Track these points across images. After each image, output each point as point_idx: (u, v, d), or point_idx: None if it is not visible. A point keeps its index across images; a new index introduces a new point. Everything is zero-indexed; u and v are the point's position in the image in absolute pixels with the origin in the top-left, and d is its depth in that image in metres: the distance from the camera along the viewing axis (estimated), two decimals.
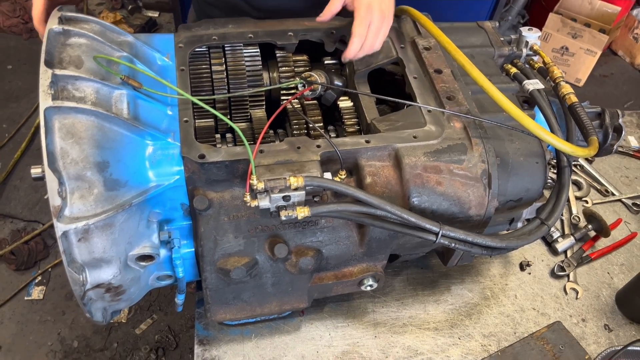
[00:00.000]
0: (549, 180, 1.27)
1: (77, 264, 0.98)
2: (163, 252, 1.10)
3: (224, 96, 1.26)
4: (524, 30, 1.41)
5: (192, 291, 1.77)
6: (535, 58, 1.43)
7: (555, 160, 1.25)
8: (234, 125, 1.00)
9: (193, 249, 1.14)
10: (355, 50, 1.18)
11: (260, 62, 1.30)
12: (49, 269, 2.63)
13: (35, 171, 1.10)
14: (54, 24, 1.02)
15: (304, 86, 1.19)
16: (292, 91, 1.32)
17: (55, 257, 2.68)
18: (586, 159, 1.80)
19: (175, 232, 1.11)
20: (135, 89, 1.04)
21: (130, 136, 1.00)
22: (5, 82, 3.52)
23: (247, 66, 1.29)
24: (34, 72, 3.60)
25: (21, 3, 3.83)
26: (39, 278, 2.60)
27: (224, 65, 1.28)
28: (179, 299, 1.22)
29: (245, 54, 1.29)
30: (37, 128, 3.22)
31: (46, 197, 2.91)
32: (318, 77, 1.18)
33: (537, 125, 1.05)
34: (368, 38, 1.17)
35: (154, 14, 4.05)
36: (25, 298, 2.53)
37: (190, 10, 1.80)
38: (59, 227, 0.92)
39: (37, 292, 2.55)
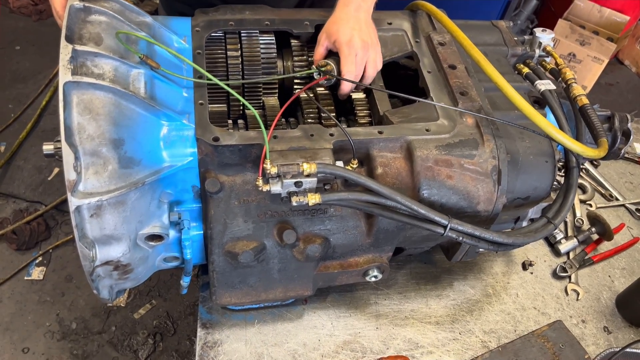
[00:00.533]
0: (555, 182, 1.28)
1: (88, 240, 0.99)
2: (172, 233, 1.11)
3: (240, 82, 1.26)
4: (538, 31, 1.42)
5: (194, 279, 1.78)
6: (548, 59, 1.44)
7: (564, 161, 1.26)
8: (252, 109, 1.02)
9: (202, 232, 1.15)
10: (349, 86, 1.21)
11: (275, 50, 1.31)
12: (50, 250, 2.64)
13: (47, 147, 1.11)
14: (75, 1, 1.02)
15: (319, 74, 1.19)
16: (306, 80, 1.33)
17: (56, 238, 2.68)
18: (592, 163, 1.81)
19: (185, 214, 1.11)
20: (153, 69, 1.05)
21: (146, 115, 1.01)
22: (13, 62, 3.52)
23: (262, 53, 1.30)
24: (41, 53, 3.61)
25: None
26: (40, 259, 2.61)
27: (240, 51, 1.28)
28: (185, 281, 1.23)
29: (260, 41, 1.30)
30: (43, 109, 3.23)
31: (50, 178, 2.91)
32: (334, 65, 1.18)
33: (549, 124, 1.06)
34: (357, 70, 1.18)
35: None
36: (25, 278, 2.54)
37: (159, 6, 1.81)
38: (73, 202, 0.93)
39: (37, 273, 2.55)
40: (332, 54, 1.22)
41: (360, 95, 1.33)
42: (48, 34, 3.74)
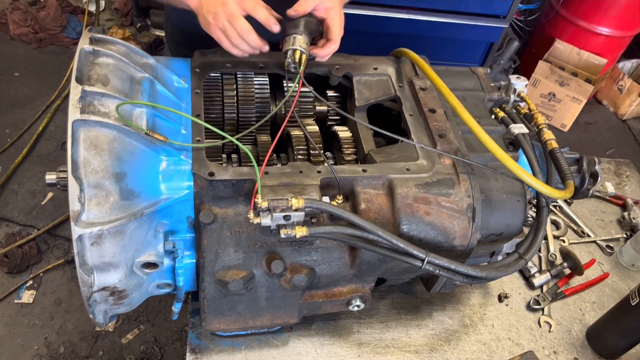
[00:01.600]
0: (529, 218, 1.37)
1: (88, 267, 1.06)
2: (166, 261, 1.18)
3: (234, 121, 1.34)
4: (513, 78, 1.53)
5: (184, 305, 1.83)
6: (522, 104, 1.54)
7: (535, 200, 1.35)
8: (245, 149, 1.09)
9: (194, 260, 1.21)
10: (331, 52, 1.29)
11: (268, 91, 1.40)
12: (41, 274, 2.67)
13: (49, 177, 1.18)
14: (85, 44, 1.11)
15: (293, 62, 1.25)
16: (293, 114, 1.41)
17: (47, 262, 2.72)
18: (565, 201, 1.91)
19: (180, 243, 1.18)
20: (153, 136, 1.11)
21: (147, 151, 1.09)
22: (12, 88, 3.60)
23: (256, 93, 1.39)
24: (39, 80, 3.69)
25: (32, 13, 3.93)
26: (30, 282, 2.63)
27: (235, 91, 1.38)
28: (176, 308, 1.29)
29: (255, 82, 1.39)
30: (40, 135, 3.29)
31: (43, 203, 2.96)
32: (301, 45, 1.24)
33: (518, 167, 1.15)
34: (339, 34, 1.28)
35: (161, 33, 4.17)
36: (15, 301, 2.56)
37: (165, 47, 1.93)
38: (76, 231, 1.00)
39: (27, 296, 2.58)
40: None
41: (347, 134, 1.42)
42: (47, 61, 3.83)
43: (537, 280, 1.64)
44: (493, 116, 1.49)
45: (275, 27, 1.21)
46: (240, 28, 1.18)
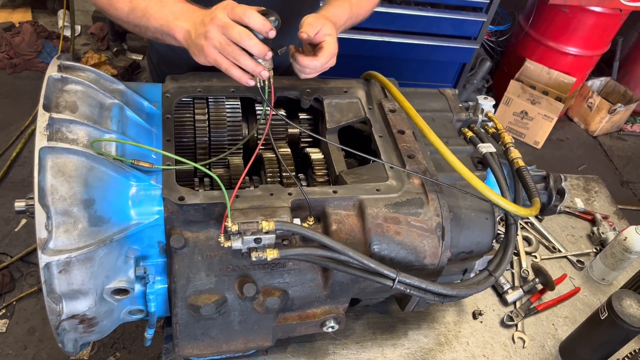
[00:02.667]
0: (500, 234, 1.40)
1: (56, 295, 1.04)
2: (137, 287, 1.17)
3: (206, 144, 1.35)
4: (480, 99, 1.57)
5: (159, 330, 1.80)
6: (490, 124, 1.58)
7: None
8: (214, 176, 1.10)
9: (166, 286, 1.21)
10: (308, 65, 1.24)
11: (240, 114, 1.42)
12: (14, 302, 2.61)
13: (18, 204, 1.17)
14: (53, 72, 1.12)
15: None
16: (267, 140, 1.43)
17: (21, 290, 2.66)
18: (536, 218, 1.95)
19: (151, 268, 1.17)
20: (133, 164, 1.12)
21: (116, 177, 1.09)
22: None
23: (228, 117, 1.40)
24: (14, 105, 3.65)
25: (7, 38, 3.91)
26: (3, 311, 2.57)
27: (207, 115, 1.39)
28: (149, 334, 1.27)
29: (227, 106, 1.41)
30: (13, 161, 3.24)
31: (17, 230, 2.91)
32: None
33: (484, 186, 1.18)
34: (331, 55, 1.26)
35: (138, 57, 4.19)
36: None
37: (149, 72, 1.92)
38: (43, 259, 0.99)
39: (0, 325, 2.51)
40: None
41: (319, 156, 1.44)
42: (21, 86, 3.80)
43: (510, 296, 1.66)
44: (462, 136, 1.52)
45: (272, 33, 1.11)
46: (237, 35, 1.08)
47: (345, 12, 1.38)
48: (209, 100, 1.40)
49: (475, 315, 1.61)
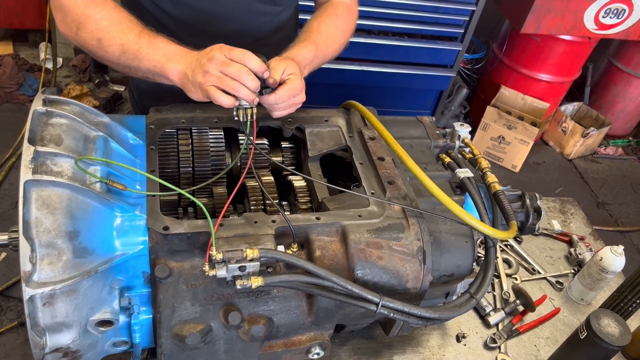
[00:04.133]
0: (481, 257, 1.43)
1: (40, 328, 1.04)
2: (122, 318, 1.16)
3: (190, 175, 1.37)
4: (457, 126, 1.62)
5: None
6: (467, 149, 1.63)
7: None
8: (200, 203, 1.12)
9: (151, 316, 1.21)
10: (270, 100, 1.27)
11: (223, 144, 1.44)
12: None
13: (1, 238, 1.17)
14: (38, 106, 1.13)
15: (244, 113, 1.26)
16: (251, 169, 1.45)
17: (0, 325, 2.60)
18: (515, 240, 1.99)
19: (136, 299, 1.17)
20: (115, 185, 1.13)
21: (101, 208, 1.10)
22: None
23: (211, 147, 1.43)
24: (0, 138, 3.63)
25: None
26: None
27: (190, 146, 1.41)
28: None
29: (210, 136, 1.43)
30: None
31: None
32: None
33: (461, 210, 1.21)
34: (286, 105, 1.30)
35: (120, 88, 4.20)
36: None
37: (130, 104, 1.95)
38: (27, 292, 0.98)
39: None
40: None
41: (301, 183, 1.46)
42: (2, 119, 3.78)
43: (493, 318, 1.68)
44: (440, 162, 1.56)
45: (266, 73, 1.21)
46: (236, 71, 1.16)
47: (310, 53, 1.40)
48: (193, 131, 1.43)
49: (458, 338, 1.63)
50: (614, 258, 1.70)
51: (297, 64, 1.30)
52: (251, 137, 1.27)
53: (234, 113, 1.25)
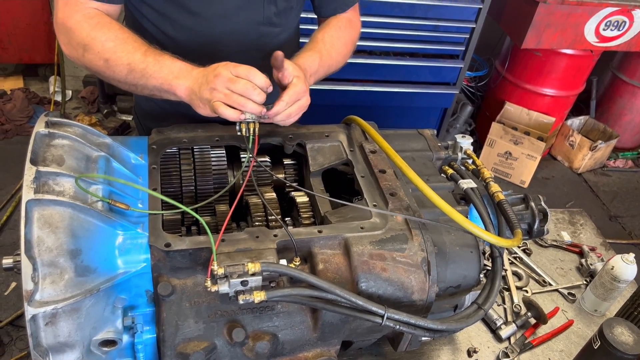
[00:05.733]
0: (488, 266, 1.40)
1: (42, 348, 1.03)
2: (125, 338, 1.15)
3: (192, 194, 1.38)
4: (459, 137, 1.62)
5: None
6: (470, 161, 1.63)
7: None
8: (200, 219, 1.12)
9: (155, 335, 1.20)
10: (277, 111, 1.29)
11: (225, 162, 1.45)
12: None
13: (6, 261, 1.17)
14: (41, 128, 1.15)
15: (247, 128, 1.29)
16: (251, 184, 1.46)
17: (10, 354, 2.59)
18: (524, 252, 1.97)
19: (139, 318, 1.17)
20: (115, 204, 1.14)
21: (102, 226, 1.10)
22: None
23: (213, 166, 1.44)
24: (5, 170, 3.68)
25: None
26: None
27: (192, 164, 1.42)
28: None
29: (212, 155, 1.44)
30: (4, 225, 3.24)
31: (6, 293, 2.86)
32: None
33: (464, 219, 1.20)
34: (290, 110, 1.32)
35: (128, 117, 4.27)
36: None
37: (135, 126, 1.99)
38: (29, 311, 0.98)
39: None
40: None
41: (304, 199, 1.46)
42: (12, 151, 3.84)
43: (504, 332, 1.65)
44: (443, 174, 1.56)
45: (270, 88, 1.25)
46: (243, 87, 1.20)
47: (315, 62, 1.47)
48: (194, 149, 1.44)
49: (470, 353, 1.60)
50: (626, 266, 1.67)
51: (302, 69, 1.36)
52: (252, 150, 1.28)
53: (237, 127, 1.27)
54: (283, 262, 1.17)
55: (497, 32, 4.21)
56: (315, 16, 1.73)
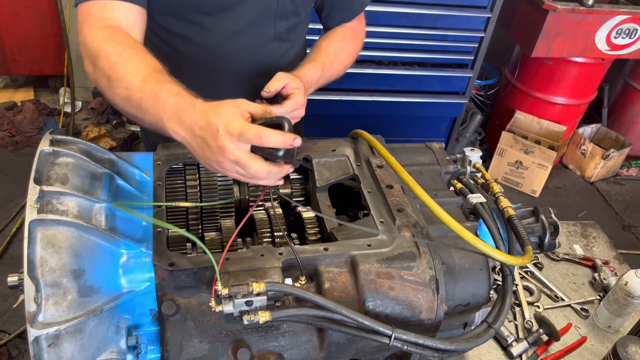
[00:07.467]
0: (498, 281, 1.37)
1: None
2: (129, 358, 1.14)
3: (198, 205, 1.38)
4: (467, 151, 1.59)
5: None
6: (479, 174, 1.60)
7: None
8: (199, 242, 1.10)
9: (159, 355, 1.18)
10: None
11: (231, 178, 1.44)
12: None
13: (11, 279, 1.17)
14: (45, 146, 1.15)
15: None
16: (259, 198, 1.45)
17: None
18: (536, 266, 1.93)
19: (143, 337, 1.15)
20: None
21: (106, 245, 1.09)
22: None
23: (219, 180, 1.43)
24: (15, 182, 3.71)
25: (9, 117, 4.03)
26: None
27: (198, 180, 1.41)
28: None
29: None
30: (13, 237, 3.26)
31: (15, 306, 2.87)
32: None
33: (473, 237, 1.18)
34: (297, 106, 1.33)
35: (137, 128, 4.28)
36: None
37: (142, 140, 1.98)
38: (32, 333, 0.97)
39: None
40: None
41: (310, 214, 1.45)
42: (22, 163, 3.87)
43: (515, 349, 1.61)
44: (451, 188, 1.53)
45: (297, 141, 1.02)
46: (255, 173, 1.03)
47: (317, 73, 1.49)
48: (200, 165, 1.43)
49: None
50: None
51: (302, 81, 1.36)
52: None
53: None
54: (288, 281, 1.15)
55: (507, 39, 4.18)
56: (319, 26, 1.73)
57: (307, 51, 1.81)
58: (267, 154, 1.03)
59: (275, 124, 1.06)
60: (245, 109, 1.04)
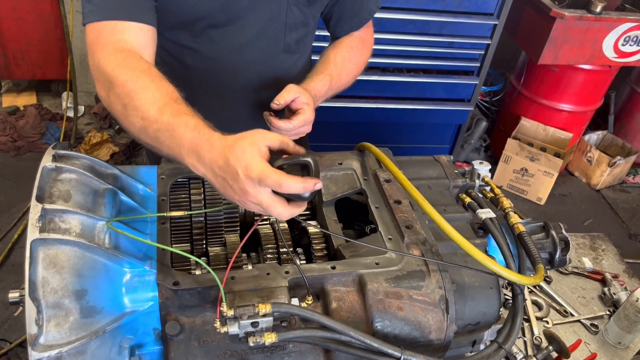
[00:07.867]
0: (508, 298, 1.34)
1: None
2: None
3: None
4: (476, 164, 1.57)
5: None
6: (488, 188, 1.58)
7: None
8: (203, 263, 1.08)
9: None
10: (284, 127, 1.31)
11: None
12: None
13: (12, 295, 1.15)
14: (47, 162, 1.13)
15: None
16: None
17: None
18: (545, 280, 1.90)
19: (146, 357, 1.13)
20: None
21: (109, 264, 1.07)
22: None
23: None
24: (17, 187, 3.69)
25: (11, 122, 4.01)
26: None
27: (203, 195, 1.39)
28: None
29: None
30: (15, 243, 3.24)
31: (16, 314, 2.85)
32: None
33: (484, 256, 1.15)
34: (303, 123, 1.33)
35: None
36: None
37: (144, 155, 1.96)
38: (33, 356, 0.95)
39: None
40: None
41: (316, 230, 1.42)
42: (25, 168, 3.85)
43: None
44: (460, 202, 1.51)
45: (318, 185, 1.00)
46: (277, 215, 1.03)
47: (325, 85, 1.49)
48: (205, 179, 1.40)
49: None
50: None
51: (311, 96, 1.36)
52: None
53: None
54: (295, 300, 1.13)
55: (512, 45, 4.15)
56: (325, 34, 1.71)
57: (312, 58, 1.80)
58: (290, 195, 1.02)
59: (301, 164, 1.03)
60: (263, 143, 1.00)
